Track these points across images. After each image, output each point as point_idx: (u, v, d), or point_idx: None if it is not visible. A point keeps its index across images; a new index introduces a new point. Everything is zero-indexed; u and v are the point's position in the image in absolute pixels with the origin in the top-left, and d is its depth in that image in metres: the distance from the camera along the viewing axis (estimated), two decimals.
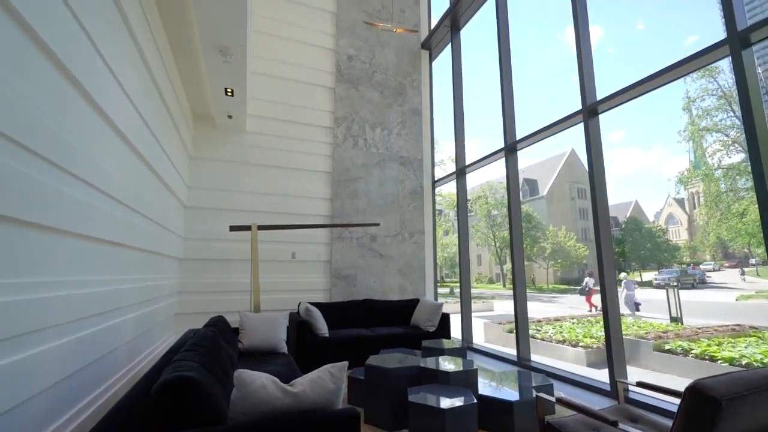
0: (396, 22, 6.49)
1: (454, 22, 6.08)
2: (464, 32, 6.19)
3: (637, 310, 13.66)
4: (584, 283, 15.52)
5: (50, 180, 1.61)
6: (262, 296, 4.82)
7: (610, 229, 3.50)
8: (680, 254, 28.95)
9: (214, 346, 2.07)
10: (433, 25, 6.70)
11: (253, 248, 4.33)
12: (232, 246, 5.01)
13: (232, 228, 4.40)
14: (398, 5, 6.67)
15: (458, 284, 6.01)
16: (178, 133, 4.22)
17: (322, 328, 4.18)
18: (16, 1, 1.32)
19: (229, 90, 4.22)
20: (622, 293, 14.36)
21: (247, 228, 4.39)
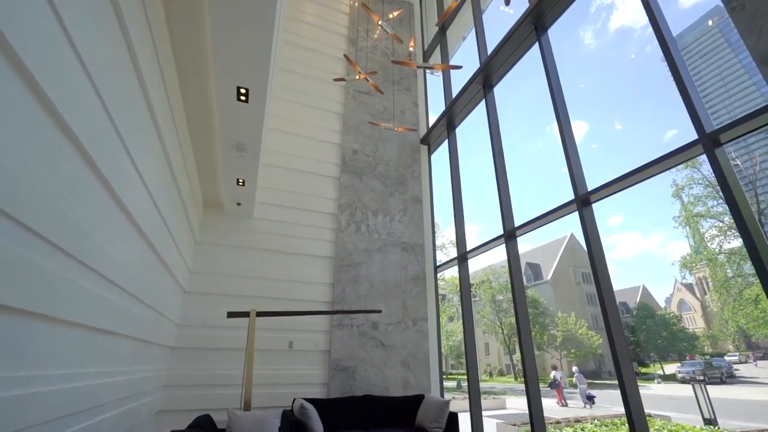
0: (397, 122, 7.17)
1: (449, 121, 6.73)
2: (460, 129, 6.80)
3: (593, 403, 13.76)
4: (552, 377, 15.68)
5: (52, 264, 1.60)
6: (255, 390, 4.46)
7: (619, 317, 3.39)
8: (700, 343, 27.25)
9: None
10: (431, 123, 7.38)
11: (250, 336, 4.14)
12: (227, 334, 4.80)
13: (230, 314, 4.26)
14: (399, 107, 7.44)
15: (465, 377, 5.58)
16: (188, 220, 4.38)
17: (318, 429, 3.79)
18: (54, 98, 1.50)
19: (240, 180, 4.49)
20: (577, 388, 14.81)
21: (246, 314, 4.27)
